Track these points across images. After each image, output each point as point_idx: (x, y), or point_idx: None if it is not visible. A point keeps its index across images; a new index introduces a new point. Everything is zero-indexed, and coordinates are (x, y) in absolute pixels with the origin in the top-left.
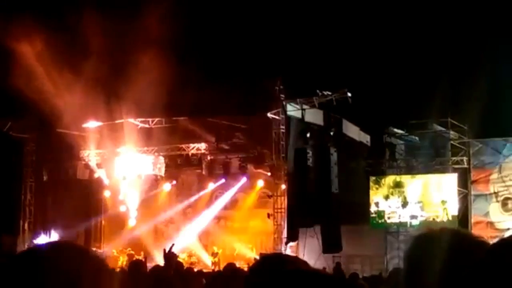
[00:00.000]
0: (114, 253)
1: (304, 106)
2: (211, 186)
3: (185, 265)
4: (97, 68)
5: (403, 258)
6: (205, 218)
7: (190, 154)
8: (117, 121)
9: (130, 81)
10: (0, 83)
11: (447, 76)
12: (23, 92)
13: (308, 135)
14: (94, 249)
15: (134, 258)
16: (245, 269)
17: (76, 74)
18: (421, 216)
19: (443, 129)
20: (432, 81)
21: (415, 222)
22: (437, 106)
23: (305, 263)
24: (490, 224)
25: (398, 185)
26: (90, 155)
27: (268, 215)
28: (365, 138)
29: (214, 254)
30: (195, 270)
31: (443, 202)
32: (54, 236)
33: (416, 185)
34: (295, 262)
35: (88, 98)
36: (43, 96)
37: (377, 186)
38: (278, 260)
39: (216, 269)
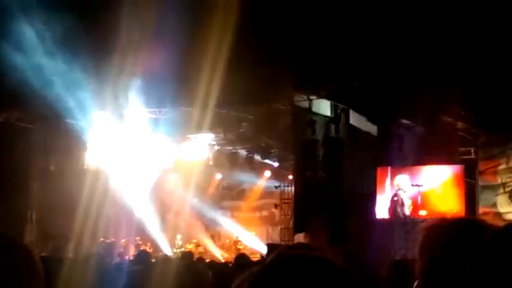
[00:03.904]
0: (122, 243)
1: (311, 97)
2: (218, 176)
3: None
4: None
5: (418, 250)
6: (212, 208)
7: (197, 144)
8: (124, 111)
9: (138, 71)
10: (7, 75)
11: (456, 67)
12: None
13: (315, 125)
14: (102, 239)
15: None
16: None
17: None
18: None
19: (451, 119)
20: (441, 72)
21: (422, 212)
22: (445, 96)
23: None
24: (498, 215)
25: (405, 175)
26: (98, 145)
27: (275, 206)
28: (372, 129)
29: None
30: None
31: (450, 193)
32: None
33: (423, 175)
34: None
35: (95, 88)
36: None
37: (384, 177)
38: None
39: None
